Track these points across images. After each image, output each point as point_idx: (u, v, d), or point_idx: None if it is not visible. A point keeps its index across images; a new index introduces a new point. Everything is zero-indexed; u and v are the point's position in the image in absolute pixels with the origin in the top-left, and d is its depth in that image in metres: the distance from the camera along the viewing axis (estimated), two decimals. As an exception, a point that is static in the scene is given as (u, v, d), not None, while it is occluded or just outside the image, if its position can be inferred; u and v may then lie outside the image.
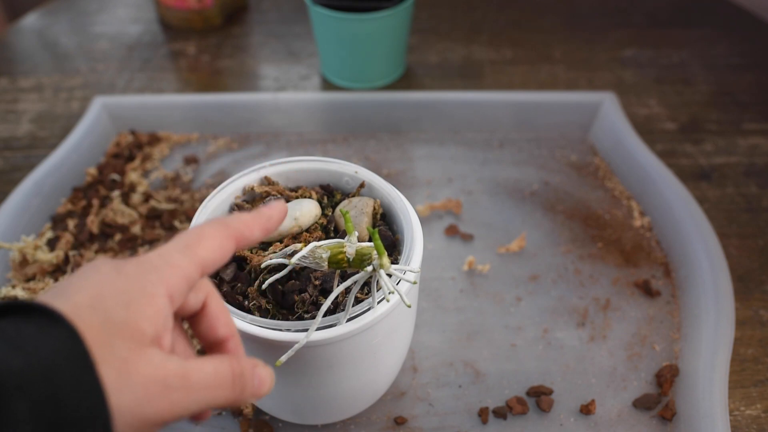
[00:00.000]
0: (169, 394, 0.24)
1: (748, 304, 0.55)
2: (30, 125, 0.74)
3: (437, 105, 0.72)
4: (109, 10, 0.95)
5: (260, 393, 0.29)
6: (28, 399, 0.21)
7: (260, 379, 0.29)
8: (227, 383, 0.27)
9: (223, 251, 0.28)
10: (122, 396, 0.23)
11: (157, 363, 0.24)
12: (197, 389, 0.25)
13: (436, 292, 0.56)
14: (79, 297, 0.24)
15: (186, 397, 0.25)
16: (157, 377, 0.24)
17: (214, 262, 0.28)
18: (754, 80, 0.79)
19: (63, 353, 0.22)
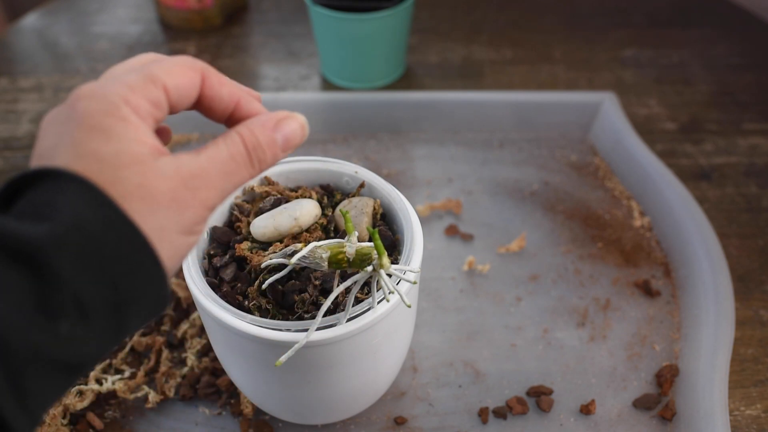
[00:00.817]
0: (196, 195, 0.25)
1: (748, 304, 0.55)
2: (30, 125, 0.74)
3: (437, 105, 0.72)
4: (109, 10, 0.95)
5: (290, 144, 0.29)
6: (67, 254, 0.21)
7: (286, 136, 0.28)
8: (245, 161, 0.27)
9: (188, 80, 0.27)
10: (156, 217, 0.23)
11: (172, 173, 0.24)
12: (220, 178, 0.26)
13: (436, 292, 0.56)
14: (61, 152, 0.23)
15: (213, 190, 0.25)
16: (178, 186, 0.24)
17: (176, 86, 0.27)
18: (754, 80, 0.79)
19: (82, 203, 0.22)
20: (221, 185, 0.26)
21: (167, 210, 0.24)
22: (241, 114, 0.29)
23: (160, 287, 0.24)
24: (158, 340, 0.51)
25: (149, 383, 0.49)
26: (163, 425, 0.47)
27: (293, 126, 0.29)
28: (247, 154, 0.27)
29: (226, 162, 0.26)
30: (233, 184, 0.27)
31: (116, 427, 0.47)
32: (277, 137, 0.28)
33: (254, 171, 0.27)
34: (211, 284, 0.38)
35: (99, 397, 0.48)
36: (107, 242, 0.22)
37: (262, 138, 0.28)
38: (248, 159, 0.27)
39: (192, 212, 0.25)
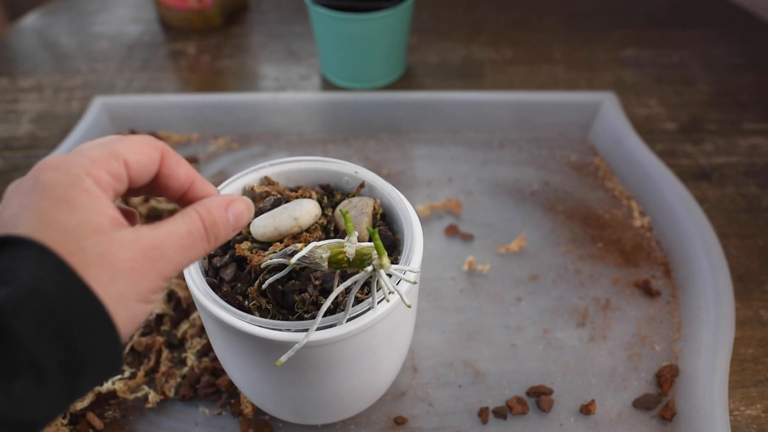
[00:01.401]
0: (154, 266, 0.26)
1: (748, 304, 0.55)
2: (30, 125, 0.74)
3: (437, 105, 0.72)
4: (109, 10, 0.95)
5: (239, 224, 0.30)
6: (26, 316, 0.22)
7: (236, 215, 0.30)
8: (202, 237, 0.28)
9: (148, 156, 0.29)
10: (116, 285, 0.24)
11: (132, 244, 0.25)
12: (177, 252, 0.27)
13: (436, 292, 0.56)
14: (24, 221, 0.24)
15: (170, 263, 0.27)
16: (138, 257, 0.25)
17: (138, 162, 0.28)
18: (754, 80, 0.79)
19: (42, 269, 0.23)
20: (178, 258, 0.27)
21: (126, 279, 0.25)
22: (194, 194, 0.31)
23: (114, 351, 0.25)
24: (158, 340, 0.51)
25: (149, 383, 0.49)
26: (163, 425, 0.47)
27: (241, 207, 0.31)
28: (204, 231, 0.28)
29: (183, 237, 0.28)
30: (189, 259, 0.28)
31: (116, 427, 0.47)
32: (230, 216, 0.30)
33: (209, 246, 0.29)
34: (211, 284, 0.38)
35: (99, 397, 0.48)
36: (65, 307, 0.23)
37: (218, 217, 0.29)
38: (205, 235, 0.29)
39: (150, 282, 0.26)
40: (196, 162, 0.68)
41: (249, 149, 0.71)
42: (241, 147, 0.71)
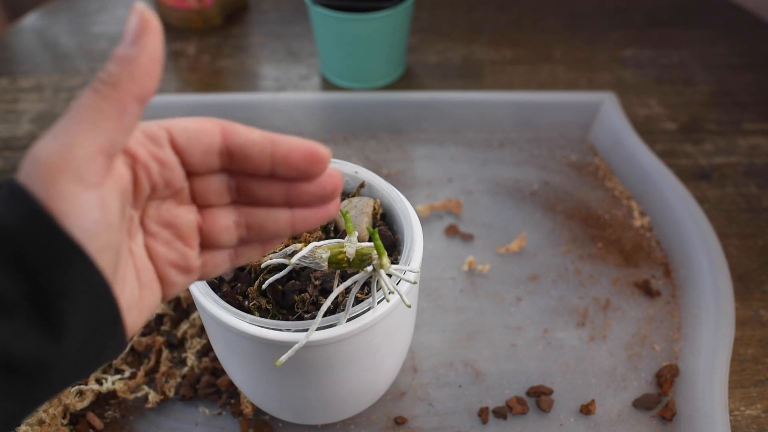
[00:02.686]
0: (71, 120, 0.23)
1: (748, 304, 0.55)
2: (30, 125, 0.74)
3: (437, 105, 0.72)
4: (109, 10, 0.95)
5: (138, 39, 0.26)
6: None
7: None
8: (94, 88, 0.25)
9: (200, 125, 0.27)
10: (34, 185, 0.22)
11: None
12: (85, 103, 0.24)
13: (436, 292, 0.56)
14: None
15: (81, 108, 0.24)
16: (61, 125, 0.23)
17: (184, 129, 0.27)
18: (754, 80, 0.79)
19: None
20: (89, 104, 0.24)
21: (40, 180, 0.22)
22: (282, 150, 0.27)
23: (85, 272, 0.22)
24: (158, 340, 0.51)
25: (149, 383, 0.49)
26: (163, 425, 0.47)
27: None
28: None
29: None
30: (110, 106, 0.24)
31: (116, 427, 0.47)
32: (132, 50, 0.25)
33: (120, 94, 0.24)
34: (211, 284, 0.38)
35: (99, 397, 0.48)
36: (13, 221, 0.21)
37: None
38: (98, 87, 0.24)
39: (78, 137, 0.23)
40: (196, 162, 0.68)
41: (249, 149, 0.70)
42: (241, 147, 0.71)
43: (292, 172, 0.27)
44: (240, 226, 0.29)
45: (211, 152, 0.27)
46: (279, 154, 0.27)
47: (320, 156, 0.27)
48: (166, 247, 0.27)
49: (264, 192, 0.28)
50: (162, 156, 0.26)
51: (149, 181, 0.26)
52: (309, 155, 0.27)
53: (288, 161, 0.27)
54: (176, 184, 0.27)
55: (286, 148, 0.27)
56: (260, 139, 0.27)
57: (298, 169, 0.27)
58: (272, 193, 0.28)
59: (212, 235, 0.29)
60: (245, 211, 0.29)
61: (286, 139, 0.27)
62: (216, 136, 0.27)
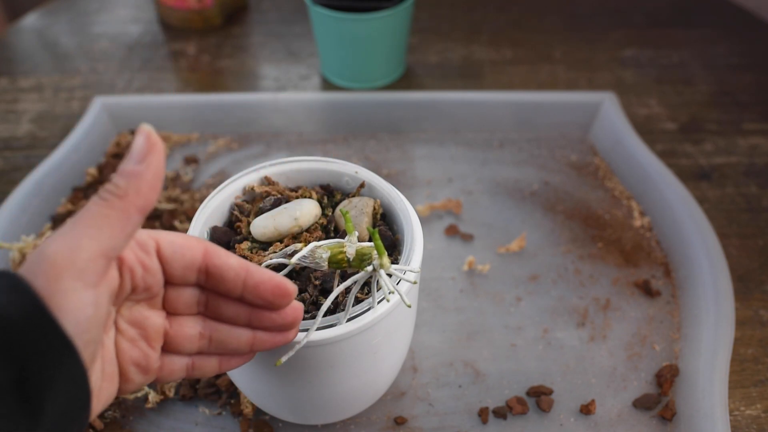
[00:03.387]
0: (74, 228, 0.25)
1: (748, 304, 0.55)
2: (30, 125, 0.74)
3: (437, 105, 0.72)
4: (109, 10, 0.95)
5: (152, 164, 0.27)
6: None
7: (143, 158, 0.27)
8: (112, 198, 0.26)
9: (185, 241, 0.30)
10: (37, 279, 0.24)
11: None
12: (94, 214, 0.26)
13: (436, 292, 0.56)
14: None
15: (91, 221, 0.25)
16: (65, 228, 0.25)
17: (171, 242, 0.29)
18: (754, 80, 0.79)
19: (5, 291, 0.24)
20: (97, 214, 0.26)
21: (61, 244, 0.25)
22: (254, 280, 0.30)
23: (71, 364, 0.24)
24: (158, 340, 0.51)
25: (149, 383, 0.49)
26: (163, 425, 0.47)
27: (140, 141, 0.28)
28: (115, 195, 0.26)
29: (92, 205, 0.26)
30: (118, 219, 0.26)
31: (116, 427, 0.47)
32: (139, 167, 0.27)
33: (125, 205, 0.26)
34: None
35: (99, 397, 0.48)
36: (11, 317, 0.23)
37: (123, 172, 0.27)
38: (116, 196, 0.26)
39: (85, 246, 0.25)
40: (196, 162, 0.68)
41: (249, 149, 0.71)
42: (241, 147, 0.71)
43: (259, 300, 0.30)
44: (203, 337, 0.32)
45: (191, 268, 0.30)
46: (250, 283, 0.30)
47: (287, 291, 0.30)
48: (131, 345, 0.30)
49: (231, 312, 0.31)
50: (148, 263, 0.29)
51: (132, 283, 0.28)
52: (277, 289, 0.30)
53: (257, 291, 0.30)
54: (155, 289, 0.29)
55: (258, 279, 0.30)
56: (236, 265, 0.30)
57: (265, 300, 0.30)
58: (238, 314, 0.31)
59: (176, 341, 0.31)
60: (210, 324, 0.32)
61: (259, 271, 0.30)
62: (198, 254, 0.30)
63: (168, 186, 0.65)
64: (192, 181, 0.67)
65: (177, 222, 0.60)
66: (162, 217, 0.61)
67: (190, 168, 0.68)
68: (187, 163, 0.68)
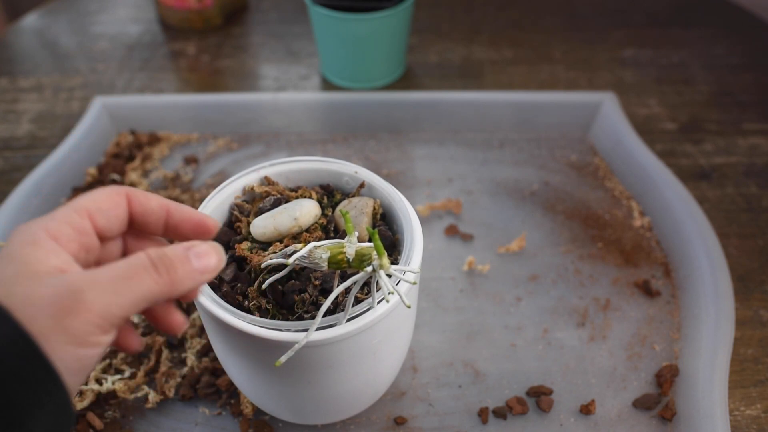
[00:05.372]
0: (81, 298, 0.25)
1: (748, 304, 0.55)
2: (30, 125, 0.74)
3: (437, 105, 0.72)
4: (109, 10, 0.95)
5: (207, 267, 0.29)
6: None
7: (200, 255, 0.29)
8: (145, 267, 0.27)
9: (111, 202, 0.29)
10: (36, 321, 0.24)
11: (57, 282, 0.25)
12: (110, 283, 0.26)
13: (436, 292, 0.56)
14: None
15: (102, 294, 0.25)
16: (59, 290, 0.25)
17: (100, 210, 0.29)
18: (754, 80, 0.79)
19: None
20: (115, 289, 0.26)
21: (49, 317, 0.24)
22: (174, 219, 0.31)
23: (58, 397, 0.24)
24: (158, 340, 0.51)
25: (149, 383, 0.49)
26: (163, 425, 0.47)
27: (204, 247, 0.29)
28: (150, 262, 0.27)
29: (121, 269, 0.26)
30: (132, 291, 0.26)
31: (116, 427, 0.47)
32: (190, 254, 0.28)
33: (160, 279, 0.27)
34: (211, 284, 0.38)
35: (99, 397, 0.48)
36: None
37: (170, 252, 0.28)
38: (150, 265, 0.27)
39: (80, 320, 0.24)
40: (196, 162, 0.68)
41: (249, 149, 0.71)
42: (241, 147, 0.71)
43: (181, 239, 0.31)
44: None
45: (121, 224, 0.30)
46: (171, 222, 0.31)
47: (208, 227, 0.31)
48: None
49: None
50: (90, 243, 0.29)
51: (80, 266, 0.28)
52: (199, 226, 0.31)
53: (178, 230, 0.31)
54: (92, 264, 0.29)
55: (178, 218, 0.31)
56: (156, 208, 0.31)
57: (187, 238, 0.31)
58: None
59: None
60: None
61: (179, 209, 0.31)
62: (123, 210, 0.30)
63: (168, 186, 0.65)
64: (192, 181, 0.67)
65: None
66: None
67: (190, 168, 0.68)
68: (187, 163, 0.68)
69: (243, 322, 0.35)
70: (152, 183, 0.66)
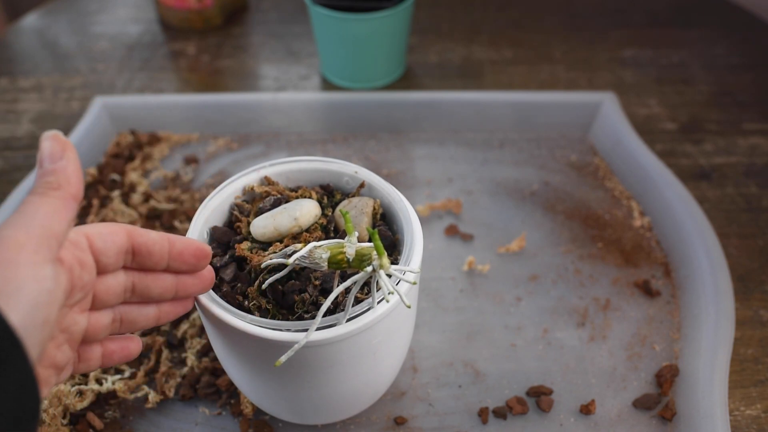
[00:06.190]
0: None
1: (748, 304, 0.55)
2: (30, 125, 0.74)
3: (437, 105, 0.72)
4: (109, 10, 0.95)
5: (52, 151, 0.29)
6: None
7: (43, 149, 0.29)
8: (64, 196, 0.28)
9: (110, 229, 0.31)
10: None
11: None
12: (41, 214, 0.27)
13: (436, 292, 0.56)
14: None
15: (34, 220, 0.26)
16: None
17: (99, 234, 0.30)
18: (754, 80, 0.79)
19: None
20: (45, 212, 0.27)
21: None
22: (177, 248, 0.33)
23: (17, 361, 0.23)
24: (158, 340, 0.51)
25: (149, 383, 0.49)
26: (163, 425, 0.47)
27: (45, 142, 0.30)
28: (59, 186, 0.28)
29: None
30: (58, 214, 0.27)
31: (116, 427, 0.47)
32: (62, 163, 0.29)
33: (63, 194, 0.28)
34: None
35: (99, 397, 0.48)
36: None
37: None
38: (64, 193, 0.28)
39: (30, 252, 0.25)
40: (196, 162, 0.68)
41: (249, 149, 0.71)
42: (241, 147, 0.71)
43: (184, 266, 0.33)
44: (115, 321, 0.33)
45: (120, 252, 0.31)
46: (174, 251, 0.33)
47: (206, 252, 0.34)
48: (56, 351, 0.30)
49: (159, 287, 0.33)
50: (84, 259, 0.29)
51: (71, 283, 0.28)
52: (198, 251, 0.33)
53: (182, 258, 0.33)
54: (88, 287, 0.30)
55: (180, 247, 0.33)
56: (159, 239, 0.32)
57: (190, 264, 0.33)
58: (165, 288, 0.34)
59: (92, 333, 0.32)
60: (122, 308, 0.33)
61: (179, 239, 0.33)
62: (123, 237, 0.31)
63: (168, 186, 0.65)
64: (192, 181, 0.67)
65: (177, 222, 0.60)
66: (162, 217, 0.61)
67: (190, 168, 0.68)
68: (187, 163, 0.68)
69: (243, 322, 0.35)
70: (152, 183, 0.66)
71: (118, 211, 0.61)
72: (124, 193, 0.64)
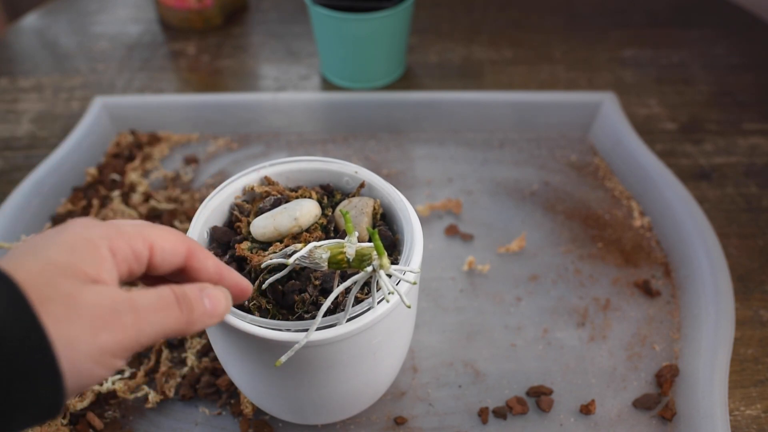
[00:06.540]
0: (119, 318, 0.25)
1: (748, 304, 0.55)
2: (30, 125, 0.74)
3: (437, 105, 0.72)
4: (109, 10, 0.95)
5: (216, 311, 0.30)
6: None
7: (211, 298, 0.30)
8: (172, 303, 0.28)
9: (174, 247, 0.30)
10: (73, 325, 0.24)
11: (102, 293, 0.25)
12: (145, 311, 0.26)
13: (436, 292, 0.56)
14: (22, 252, 0.25)
15: (137, 321, 0.26)
16: (104, 303, 0.25)
17: (162, 249, 0.29)
18: (754, 80, 0.79)
19: (2, 302, 0.23)
20: (147, 316, 0.26)
21: (85, 324, 0.24)
22: (226, 283, 0.32)
23: (53, 395, 0.24)
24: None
25: (149, 383, 0.49)
26: (163, 425, 0.47)
27: (216, 292, 0.30)
28: (175, 298, 0.28)
29: (154, 296, 0.27)
30: (159, 323, 0.27)
31: (116, 427, 0.47)
32: (203, 297, 0.30)
33: (182, 317, 0.28)
34: (211, 284, 0.37)
35: (99, 397, 0.48)
36: (10, 337, 0.22)
37: (189, 290, 0.29)
38: (176, 302, 0.28)
39: (111, 336, 0.25)
40: (196, 162, 0.68)
41: (249, 149, 0.71)
42: (241, 147, 0.71)
43: None
44: None
45: (173, 272, 0.31)
46: (224, 284, 0.32)
47: (248, 292, 0.34)
48: None
49: None
50: (137, 270, 0.29)
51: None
52: (242, 292, 0.33)
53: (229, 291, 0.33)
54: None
55: (229, 284, 0.32)
56: (213, 270, 0.32)
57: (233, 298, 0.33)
58: None
59: None
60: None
61: (230, 274, 0.33)
62: (181, 259, 0.31)
63: (168, 186, 0.65)
64: (192, 181, 0.67)
65: (177, 222, 0.60)
66: (162, 217, 0.61)
67: (190, 168, 0.68)
68: (187, 163, 0.68)
69: (243, 322, 0.35)
70: (152, 183, 0.66)
71: (118, 211, 0.61)
72: (124, 193, 0.64)
